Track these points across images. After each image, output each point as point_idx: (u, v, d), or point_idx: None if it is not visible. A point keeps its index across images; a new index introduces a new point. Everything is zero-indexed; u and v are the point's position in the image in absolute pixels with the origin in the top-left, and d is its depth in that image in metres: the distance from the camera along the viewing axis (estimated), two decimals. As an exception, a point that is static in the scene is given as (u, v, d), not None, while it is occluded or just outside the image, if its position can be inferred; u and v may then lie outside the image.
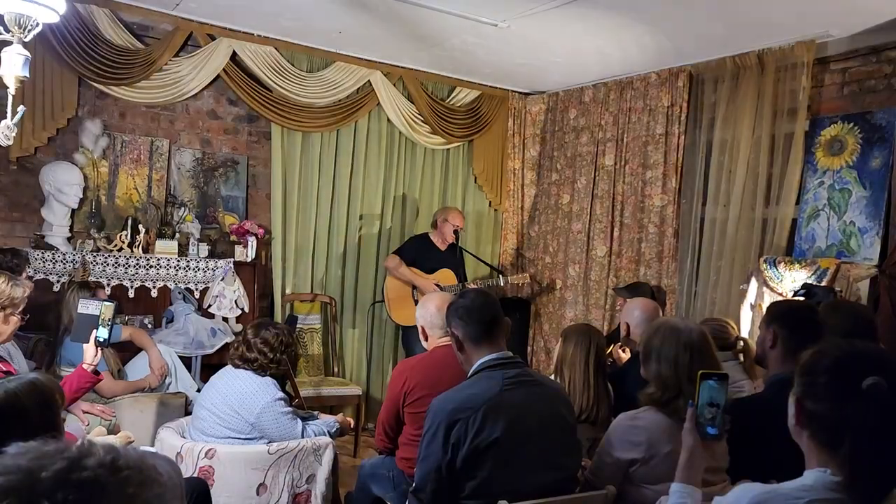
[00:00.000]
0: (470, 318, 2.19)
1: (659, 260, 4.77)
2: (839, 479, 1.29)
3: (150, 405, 3.53)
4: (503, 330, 2.25)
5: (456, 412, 2.01)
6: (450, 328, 2.27)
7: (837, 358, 1.36)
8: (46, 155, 4.25)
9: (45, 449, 0.73)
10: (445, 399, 2.07)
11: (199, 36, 4.54)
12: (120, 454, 0.75)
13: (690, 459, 1.75)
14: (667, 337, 2.12)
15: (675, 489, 1.76)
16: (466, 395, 2.06)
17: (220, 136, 4.85)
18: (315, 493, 2.95)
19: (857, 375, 1.28)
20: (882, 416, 1.26)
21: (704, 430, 1.75)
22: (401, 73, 5.25)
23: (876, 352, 1.38)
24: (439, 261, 4.93)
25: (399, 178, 5.46)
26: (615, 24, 4.03)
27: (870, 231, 3.79)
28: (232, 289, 4.44)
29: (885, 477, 1.28)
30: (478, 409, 2.00)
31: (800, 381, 1.39)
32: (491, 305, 2.25)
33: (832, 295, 3.36)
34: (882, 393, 1.26)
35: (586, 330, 3.02)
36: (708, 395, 1.76)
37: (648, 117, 4.88)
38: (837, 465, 1.30)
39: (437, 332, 2.79)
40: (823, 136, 4.03)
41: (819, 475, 1.32)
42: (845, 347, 1.38)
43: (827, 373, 1.34)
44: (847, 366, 1.33)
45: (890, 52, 3.78)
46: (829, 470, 1.31)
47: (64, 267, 4.01)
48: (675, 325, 2.16)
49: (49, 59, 4.08)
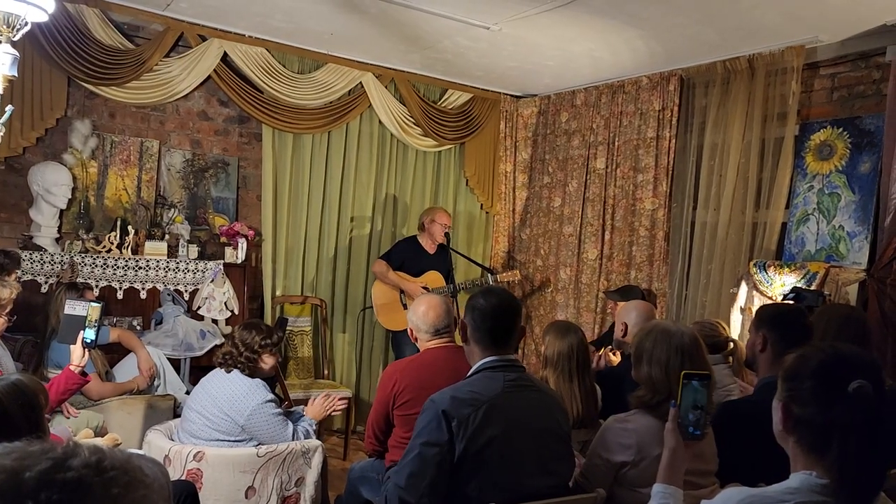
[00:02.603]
0: (483, 323, 2.13)
1: (650, 263, 4.79)
2: (825, 482, 1.30)
3: (138, 407, 3.51)
4: (515, 338, 2.19)
5: (459, 407, 1.97)
6: (464, 319, 2.21)
7: (822, 361, 1.36)
8: (35, 155, 4.22)
9: (29, 449, 0.73)
10: (447, 394, 2.03)
11: (190, 36, 4.52)
12: (105, 455, 0.74)
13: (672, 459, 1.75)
14: (659, 340, 2.12)
15: (658, 490, 1.76)
16: (469, 392, 2.03)
17: (210, 137, 4.83)
18: (304, 496, 2.94)
19: (843, 379, 1.29)
20: (868, 419, 1.27)
21: (687, 430, 1.75)
22: (392, 75, 5.25)
23: (858, 354, 1.39)
24: (428, 263, 4.86)
25: (390, 180, 5.45)
26: (607, 27, 4.05)
27: (859, 235, 3.81)
28: (222, 291, 4.42)
29: (873, 478, 1.29)
30: (480, 406, 1.98)
31: (785, 386, 1.39)
32: (507, 314, 2.16)
33: (821, 299, 3.37)
34: (868, 396, 1.27)
35: (566, 328, 2.92)
36: (691, 397, 1.76)
37: (640, 121, 4.89)
38: (823, 468, 1.31)
39: (423, 335, 2.76)
40: (813, 141, 4.05)
41: (805, 478, 1.32)
42: (828, 350, 1.39)
43: (812, 377, 1.35)
44: (832, 369, 1.34)
45: (878, 58, 3.81)
46: (814, 473, 1.32)
47: (52, 268, 3.98)
48: (668, 328, 2.16)
49: (38, 58, 4.06)
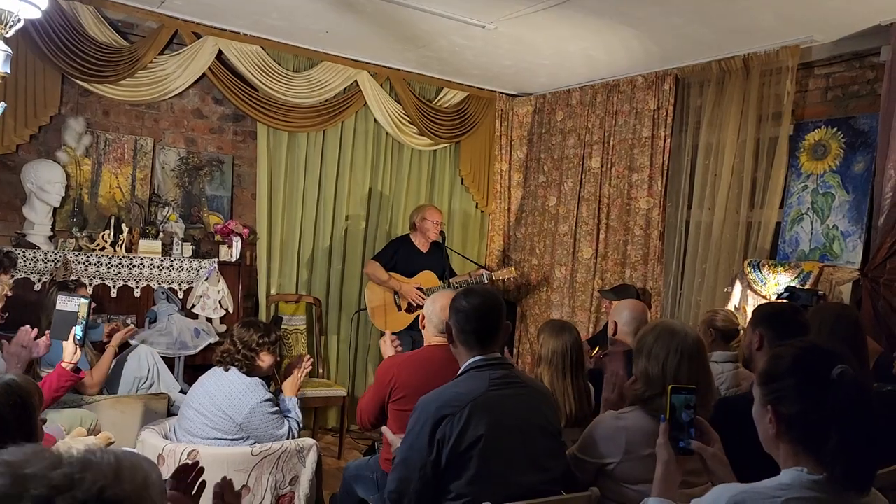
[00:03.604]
0: (468, 324, 2.15)
1: (644, 262, 4.79)
2: (816, 478, 1.31)
3: (132, 406, 3.50)
4: (500, 337, 2.21)
5: (442, 409, 2.00)
6: (448, 321, 2.24)
7: (796, 357, 1.38)
8: (28, 153, 4.20)
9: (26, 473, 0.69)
10: (431, 397, 2.07)
11: (185, 34, 4.50)
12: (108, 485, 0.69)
13: (666, 473, 1.75)
14: (661, 337, 2.12)
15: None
16: (452, 394, 2.06)
17: (205, 135, 4.82)
18: (298, 495, 2.94)
19: (823, 368, 1.32)
20: (859, 399, 1.30)
21: (677, 444, 1.75)
22: (388, 73, 5.24)
23: (826, 344, 1.41)
24: (422, 263, 4.78)
25: (385, 178, 5.44)
26: (602, 27, 4.05)
27: (852, 235, 3.82)
28: (216, 289, 4.40)
29: (869, 461, 1.31)
30: (464, 406, 2.00)
31: (766, 390, 1.40)
32: (491, 314, 2.18)
33: (816, 298, 3.38)
34: (853, 378, 1.30)
35: (561, 327, 2.94)
36: (680, 410, 1.77)
37: (635, 120, 4.89)
38: (815, 463, 1.32)
39: (432, 329, 2.78)
40: (807, 141, 4.06)
41: (796, 474, 1.34)
42: (798, 345, 1.41)
43: (793, 374, 1.36)
44: (810, 362, 1.36)
45: (873, 58, 3.82)
46: (805, 469, 1.33)
47: (45, 266, 3.96)
48: (673, 327, 2.16)
49: (32, 55, 4.04)
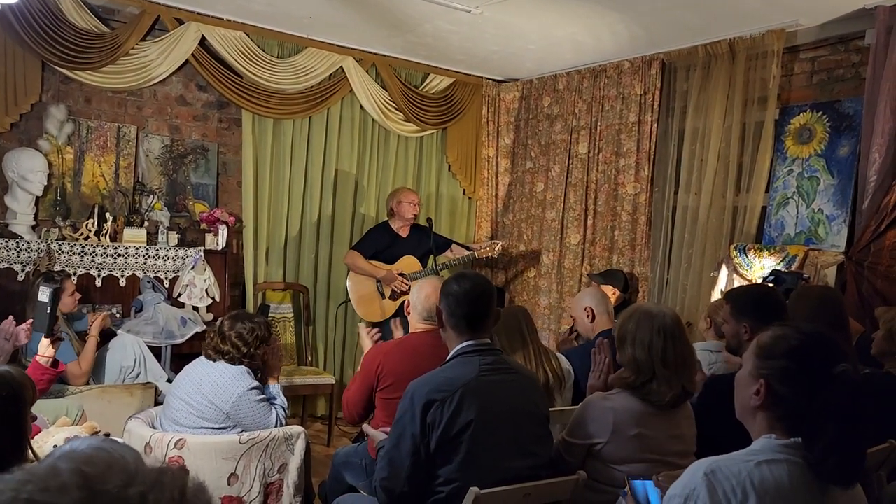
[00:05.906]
0: (458, 308, 2.16)
1: (632, 248, 4.81)
2: (784, 442, 1.36)
3: (119, 395, 3.49)
4: (490, 323, 2.22)
5: (433, 393, 2.01)
6: (438, 305, 2.25)
7: (803, 343, 1.40)
8: (9, 141, 4.14)
9: None
10: (422, 381, 2.08)
11: (167, 20, 4.44)
12: None
13: None
14: (641, 322, 2.18)
15: None
16: (443, 378, 2.07)
17: (189, 122, 4.76)
18: (287, 482, 2.93)
19: (827, 362, 1.35)
20: (853, 400, 1.32)
21: None
22: (373, 59, 5.20)
23: (835, 339, 1.44)
24: (402, 248, 4.72)
25: (372, 165, 5.41)
26: (588, 11, 4.03)
27: (837, 218, 3.84)
28: (202, 278, 4.38)
29: (859, 459, 1.35)
30: (455, 391, 2.01)
31: (763, 364, 1.42)
32: (482, 299, 2.19)
33: (800, 280, 3.41)
34: (853, 380, 1.33)
35: (512, 313, 3.04)
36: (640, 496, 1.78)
37: (621, 105, 4.89)
38: (783, 430, 1.37)
39: (417, 316, 2.79)
40: (793, 125, 4.07)
41: (766, 441, 1.39)
42: (807, 332, 1.43)
43: (795, 359, 1.39)
44: (813, 352, 1.39)
45: (857, 42, 3.83)
46: (773, 435, 1.38)
47: (28, 256, 3.92)
48: (650, 309, 2.22)
49: (11, 42, 3.98)
